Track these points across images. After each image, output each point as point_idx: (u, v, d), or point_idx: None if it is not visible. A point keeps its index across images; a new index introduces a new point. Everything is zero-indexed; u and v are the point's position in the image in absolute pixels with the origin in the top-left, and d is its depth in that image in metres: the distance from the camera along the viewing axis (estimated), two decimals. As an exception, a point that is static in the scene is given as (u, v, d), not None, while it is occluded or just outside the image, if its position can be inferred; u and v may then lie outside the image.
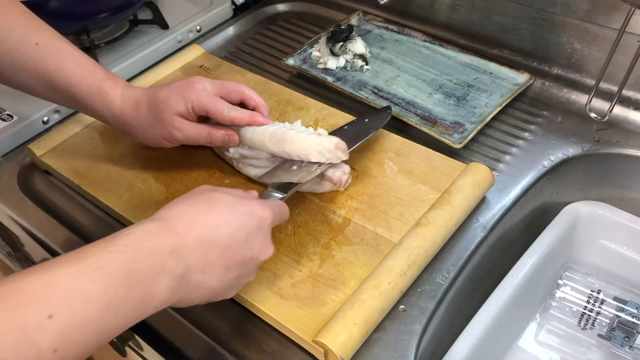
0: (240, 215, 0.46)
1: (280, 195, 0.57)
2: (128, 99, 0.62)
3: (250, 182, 0.67)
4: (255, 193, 0.53)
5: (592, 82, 0.78)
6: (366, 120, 0.70)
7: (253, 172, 0.66)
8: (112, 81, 0.63)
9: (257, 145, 0.62)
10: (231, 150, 0.65)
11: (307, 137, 0.60)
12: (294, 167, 0.61)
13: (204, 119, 0.63)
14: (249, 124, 0.62)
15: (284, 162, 0.63)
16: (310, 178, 0.60)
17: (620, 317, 0.65)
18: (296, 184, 0.59)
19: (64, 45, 0.63)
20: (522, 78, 0.79)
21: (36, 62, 0.61)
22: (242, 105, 0.64)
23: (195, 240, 0.43)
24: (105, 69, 0.65)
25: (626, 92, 0.76)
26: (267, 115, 0.63)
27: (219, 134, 0.62)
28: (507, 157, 0.71)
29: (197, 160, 0.70)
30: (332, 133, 0.65)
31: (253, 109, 0.63)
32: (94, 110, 0.63)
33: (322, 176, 0.63)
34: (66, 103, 0.65)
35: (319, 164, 0.61)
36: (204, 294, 0.45)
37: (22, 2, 0.74)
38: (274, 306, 0.54)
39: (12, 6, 0.63)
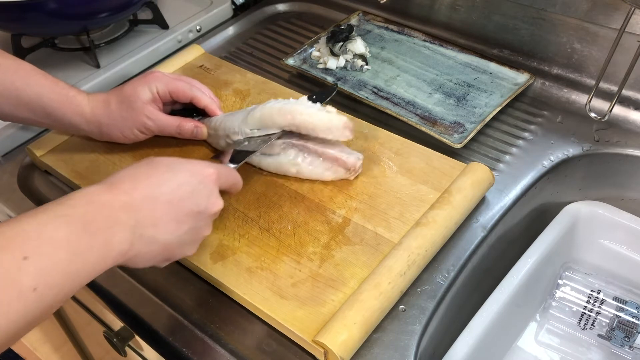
0: (181, 173, 0.49)
1: (233, 165, 0.60)
2: (96, 101, 0.66)
3: (249, 181, 0.67)
4: (206, 161, 0.55)
5: (592, 82, 0.78)
6: (314, 96, 0.72)
7: (265, 161, 0.66)
8: (74, 90, 0.66)
9: (266, 123, 0.64)
10: (239, 135, 0.66)
11: (317, 112, 0.62)
12: (246, 142, 0.64)
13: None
14: (206, 107, 0.68)
15: (240, 141, 0.65)
16: (264, 147, 0.63)
17: (620, 317, 0.65)
18: (248, 152, 0.62)
19: (24, 63, 0.65)
20: (522, 78, 0.79)
21: (3, 80, 0.62)
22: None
23: (140, 197, 0.46)
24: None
25: (626, 92, 0.76)
26: (217, 109, 0.69)
27: (188, 125, 0.68)
28: (507, 157, 0.71)
29: (196, 158, 0.70)
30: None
31: (203, 108, 0.69)
32: (65, 118, 0.65)
33: (335, 161, 0.64)
34: (34, 118, 0.65)
35: (272, 134, 0.64)
36: (159, 248, 0.48)
37: (22, 2, 0.75)
38: (274, 306, 0.55)
39: None
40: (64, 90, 0.64)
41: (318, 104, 0.64)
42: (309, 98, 0.72)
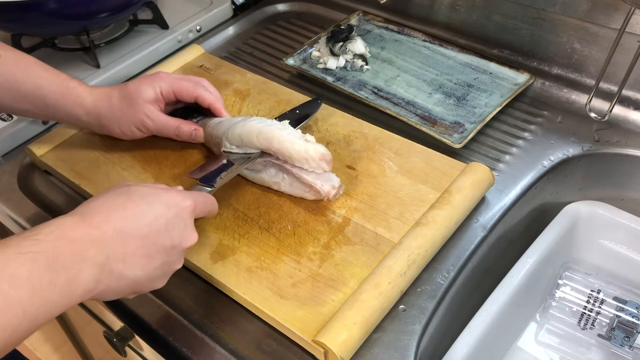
0: (157, 205, 0.48)
1: (208, 189, 0.58)
2: (98, 94, 0.66)
3: (249, 182, 0.67)
4: (179, 188, 0.54)
5: (592, 82, 0.78)
6: (297, 111, 0.73)
7: (249, 175, 0.66)
8: (76, 81, 0.66)
9: (244, 142, 0.63)
10: (223, 146, 0.65)
11: (295, 141, 0.60)
12: (224, 162, 0.63)
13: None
14: (210, 105, 0.68)
15: (213, 159, 0.65)
16: (237, 172, 0.62)
17: (620, 317, 0.65)
18: (223, 177, 0.60)
19: (25, 55, 0.65)
20: (522, 78, 0.79)
21: (3, 71, 0.62)
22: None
23: (113, 231, 0.44)
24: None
25: (626, 92, 0.76)
26: (222, 108, 0.69)
27: (186, 128, 0.67)
28: (507, 157, 0.71)
29: (196, 160, 0.70)
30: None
31: (207, 107, 0.69)
32: (65, 109, 0.65)
33: (310, 187, 0.62)
34: (35, 110, 0.65)
35: (251, 154, 0.63)
36: (128, 284, 0.46)
37: (22, 2, 0.75)
38: (274, 306, 0.55)
39: None
40: (64, 82, 0.64)
41: (299, 131, 0.62)
42: (292, 111, 0.72)
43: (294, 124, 0.68)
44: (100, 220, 0.45)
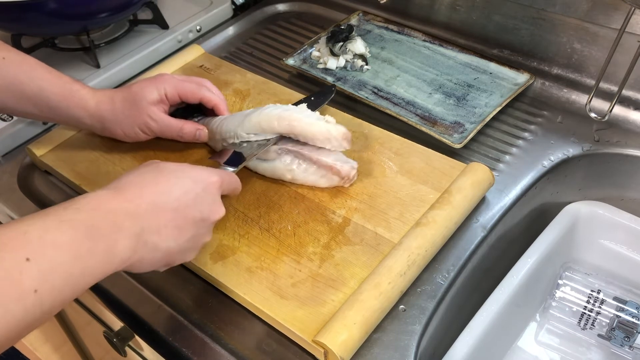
0: (186, 180, 0.50)
1: (232, 169, 0.60)
2: (101, 96, 0.66)
3: (249, 182, 0.67)
4: (209, 168, 0.55)
5: (592, 82, 0.78)
6: (312, 98, 0.74)
7: (262, 166, 0.66)
8: (79, 84, 0.66)
9: (264, 128, 0.64)
10: (235, 139, 0.66)
11: (316, 122, 0.62)
12: (244, 144, 0.64)
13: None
14: (215, 106, 0.69)
15: (236, 144, 0.66)
16: (261, 151, 0.63)
17: (620, 317, 0.65)
18: (246, 156, 0.62)
19: (28, 57, 0.65)
20: (522, 78, 0.79)
21: (7, 73, 0.62)
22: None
23: (147, 205, 0.47)
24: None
25: (626, 92, 0.76)
26: (226, 109, 0.70)
27: (190, 128, 0.68)
28: (507, 157, 0.71)
29: (197, 159, 0.70)
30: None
31: (212, 108, 0.69)
32: (68, 112, 0.65)
33: (329, 169, 0.63)
34: (38, 112, 0.65)
35: (269, 139, 0.64)
36: (162, 255, 0.48)
37: (22, 2, 0.75)
38: (274, 306, 0.55)
39: None
40: (67, 84, 0.65)
41: (317, 112, 0.64)
42: (307, 98, 0.73)
43: (310, 108, 0.69)
44: (134, 194, 0.47)
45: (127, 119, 0.66)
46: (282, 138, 0.65)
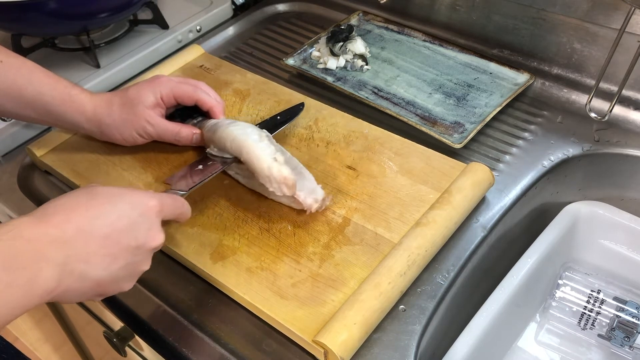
0: (121, 205, 0.47)
1: (182, 192, 0.59)
2: (99, 100, 0.66)
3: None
4: (150, 191, 0.52)
5: (592, 82, 0.78)
6: (278, 117, 0.73)
7: (241, 180, 0.66)
8: (77, 88, 0.66)
9: (221, 146, 0.63)
10: (212, 150, 0.65)
11: (263, 157, 0.59)
12: (200, 167, 0.64)
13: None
14: (210, 109, 0.68)
15: (193, 164, 0.65)
16: (210, 178, 0.62)
17: (620, 317, 0.65)
18: (198, 182, 0.61)
19: (27, 61, 0.64)
20: (522, 78, 0.79)
21: (5, 77, 0.62)
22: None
23: (74, 230, 0.43)
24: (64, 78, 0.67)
25: (626, 92, 0.76)
26: (221, 112, 0.68)
27: (186, 133, 0.68)
28: (507, 157, 0.71)
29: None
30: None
31: (207, 110, 0.68)
32: (66, 116, 0.65)
33: (292, 199, 0.61)
34: (36, 116, 0.65)
35: (227, 158, 0.63)
36: (91, 285, 0.45)
37: (22, 2, 0.75)
38: (274, 306, 0.55)
39: None
40: (66, 89, 0.65)
41: (272, 148, 0.60)
42: (272, 118, 0.73)
43: (273, 129, 0.69)
44: (60, 219, 0.44)
45: (125, 123, 0.66)
46: None
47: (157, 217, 0.49)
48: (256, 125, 0.66)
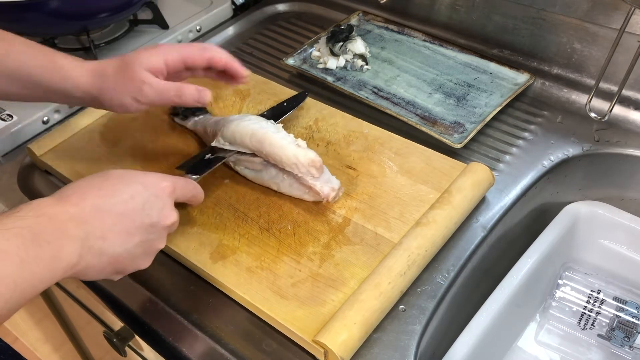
0: (134, 185, 0.49)
1: (194, 177, 0.60)
2: (91, 66, 0.60)
3: (249, 182, 0.67)
4: (164, 174, 0.53)
5: (592, 82, 0.78)
6: (285, 104, 0.74)
7: (250, 174, 0.66)
8: (61, 54, 0.61)
9: (237, 141, 0.63)
10: (218, 142, 0.65)
11: (286, 145, 0.60)
12: (209, 155, 0.64)
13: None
14: (226, 66, 0.61)
15: (201, 153, 0.65)
16: (220, 164, 0.63)
17: (620, 317, 0.65)
18: (210, 164, 0.62)
19: (7, 33, 0.60)
20: (522, 78, 0.79)
21: None
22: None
23: (91, 208, 0.46)
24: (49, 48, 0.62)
25: (626, 92, 0.76)
26: (240, 65, 0.62)
27: (190, 88, 0.59)
28: (507, 157, 0.71)
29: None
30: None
31: (223, 68, 0.62)
32: (54, 85, 0.60)
33: (309, 188, 0.62)
34: (21, 91, 0.61)
35: (243, 152, 0.64)
36: (109, 260, 0.47)
37: (22, 2, 0.75)
38: (274, 306, 0.55)
39: None
40: (49, 55, 0.60)
41: (291, 135, 0.62)
42: (278, 106, 0.74)
43: (279, 116, 0.70)
44: (77, 198, 0.46)
45: (119, 87, 0.59)
46: None
47: (169, 198, 0.51)
48: (265, 112, 0.69)
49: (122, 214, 0.47)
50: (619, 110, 0.75)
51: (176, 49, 0.61)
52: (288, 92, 0.79)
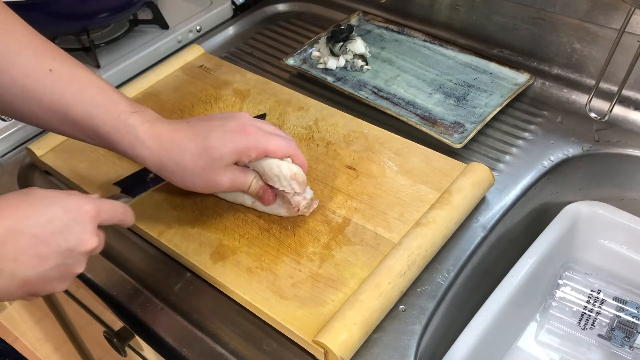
0: (54, 208, 0.46)
1: (126, 198, 0.58)
2: (165, 140, 0.54)
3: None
4: (95, 195, 0.51)
5: (592, 82, 0.78)
6: None
7: (222, 194, 0.65)
8: (139, 115, 0.54)
9: None
10: None
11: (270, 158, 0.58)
12: (152, 175, 0.61)
13: None
14: (302, 165, 0.60)
15: (144, 170, 0.61)
16: (160, 185, 0.60)
17: (620, 317, 0.65)
18: (149, 187, 0.60)
19: (80, 69, 0.54)
20: (522, 78, 0.79)
21: (52, 92, 0.53)
22: None
23: (4, 229, 0.43)
24: (127, 97, 0.56)
25: (626, 92, 0.76)
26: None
27: (268, 192, 0.60)
28: (507, 157, 0.71)
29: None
30: None
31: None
32: (122, 147, 0.54)
33: (281, 197, 0.60)
34: (85, 138, 0.56)
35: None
36: (19, 284, 0.45)
37: (21, 2, 0.75)
38: (274, 306, 0.55)
39: (18, 26, 0.53)
40: (122, 115, 0.53)
41: None
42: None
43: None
44: None
45: (195, 176, 0.55)
46: None
47: (90, 222, 0.48)
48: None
49: (37, 236, 0.44)
50: (619, 110, 0.75)
51: (264, 144, 0.56)
52: (288, 92, 0.79)
